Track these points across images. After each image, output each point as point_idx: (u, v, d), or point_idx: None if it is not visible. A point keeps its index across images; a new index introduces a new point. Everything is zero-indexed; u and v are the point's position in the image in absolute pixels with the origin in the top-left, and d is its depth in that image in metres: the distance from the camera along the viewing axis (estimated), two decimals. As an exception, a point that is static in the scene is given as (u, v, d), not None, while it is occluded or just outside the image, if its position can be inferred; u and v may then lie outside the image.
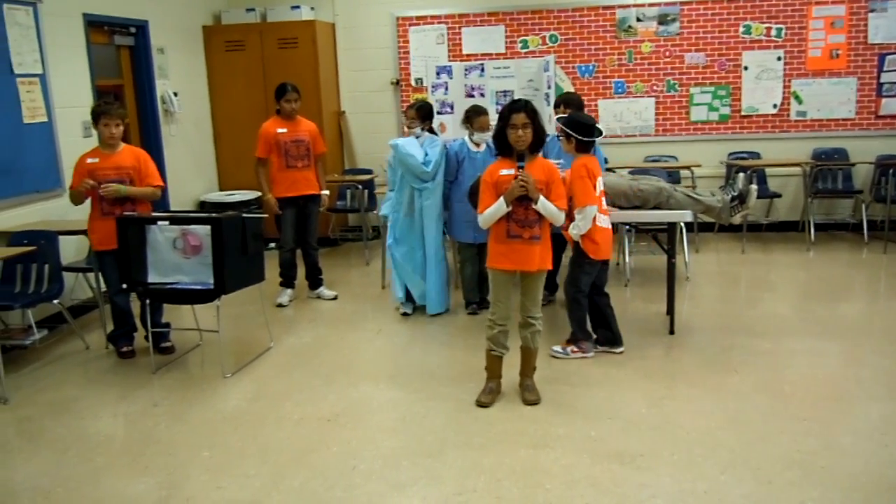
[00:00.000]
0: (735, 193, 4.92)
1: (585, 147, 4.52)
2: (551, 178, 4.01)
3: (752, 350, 4.82)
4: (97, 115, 4.82)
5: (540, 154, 4.08)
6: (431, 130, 5.85)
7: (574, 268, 4.69)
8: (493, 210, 3.94)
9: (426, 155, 5.57)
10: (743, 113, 8.02)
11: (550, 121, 5.70)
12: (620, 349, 4.82)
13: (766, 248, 7.51)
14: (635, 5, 7.97)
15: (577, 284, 4.69)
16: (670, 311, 5.19)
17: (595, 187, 4.47)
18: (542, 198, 3.91)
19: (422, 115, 5.68)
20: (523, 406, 4.09)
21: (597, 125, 4.54)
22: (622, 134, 8.19)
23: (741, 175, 5.11)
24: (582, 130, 4.47)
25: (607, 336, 4.84)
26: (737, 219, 4.97)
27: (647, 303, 5.86)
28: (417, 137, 5.65)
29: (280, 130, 6.00)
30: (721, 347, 4.89)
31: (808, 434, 3.68)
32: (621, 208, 4.88)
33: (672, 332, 5.10)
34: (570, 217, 4.34)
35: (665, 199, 4.87)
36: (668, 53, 8.00)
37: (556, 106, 5.55)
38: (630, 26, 8.00)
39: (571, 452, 3.58)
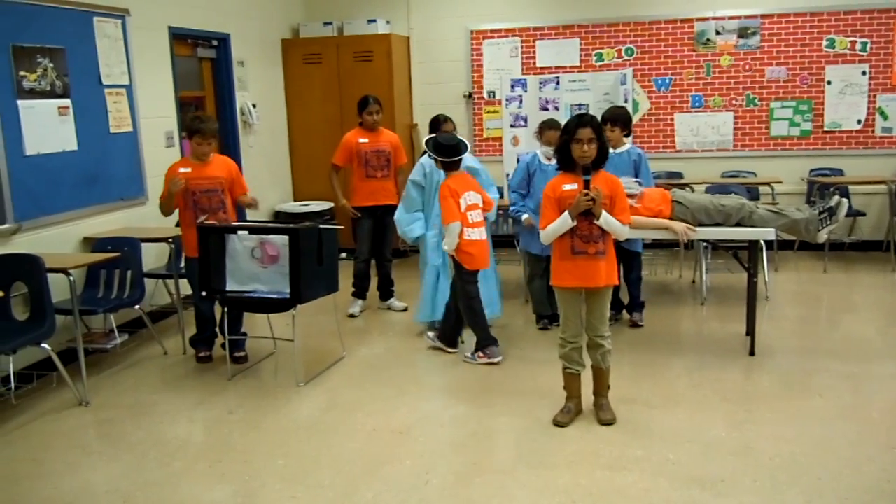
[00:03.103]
0: (826, 206, 4.77)
1: (451, 166, 4.98)
2: (615, 192, 3.94)
3: (836, 374, 4.64)
4: (191, 132, 4.94)
5: (602, 169, 3.98)
6: None
7: (457, 280, 5.04)
8: (557, 225, 3.87)
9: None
10: (825, 128, 7.77)
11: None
12: (453, 350, 5.21)
13: (848, 268, 7.24)
14: (714, 18, 7.81)
15: (467, 293, 5.01)
16: (750, 331, 5.04)
17: (459, 204, 4.88)
18: (604, 213, 3.83)
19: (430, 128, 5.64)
20: (598, 426, 4.01)
21: (459, 142, 5.01)
22: (699, 149, 8.03)
23: (833, 189, 4.97)
24: (442, 152, 4.95)
25: (447, 335, 5.23)
26: (822, 235, 4.81)
27: (725, 322, 5.70)
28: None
29: (361, 140, 6.10)
30: (803, 370, 4.72)
31: (900, 465, 3.52)
32: (702, 224, 4.77)
33: (752, 353, 4.94)
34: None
35: (747, 215, 4.75)
36: (748, 67, 7.81)
37: (603, 123, 5.30)
38: (709, 39, 7.84)
39: (649, 476, 3.49)
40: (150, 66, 6.10)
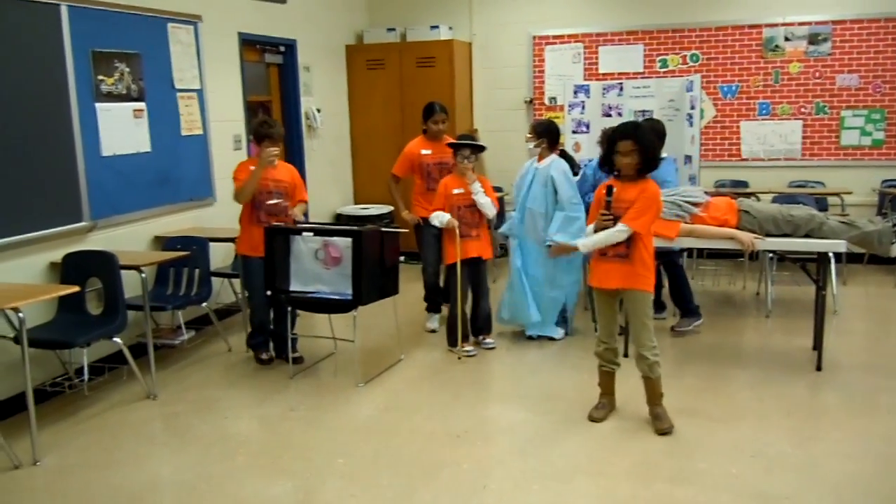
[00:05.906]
0: None
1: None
2: (638, 197, 3.89)
3: (906, 392, 4.51)
4: (261, 137, 4.99)
5: (648, 176, 3.96)
6: (563, 154, 5.63)
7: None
8: (588, 228, 4.14)
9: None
10: (899, 138, 7.56)
11: (693, 142, 5.54)
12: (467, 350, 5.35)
13: (921, 283, 7.02)
14: (784, 24, 7.66)
15: None
16: (817, 346, 4.92)
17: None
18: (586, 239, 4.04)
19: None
20: (658, 437, 3.96)
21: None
22: (765, 157, 7.87)
23: None
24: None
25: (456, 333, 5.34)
26: (895, 248, 4.67)
27: (790, 336, 5.57)
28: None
29: (424, 152, 5.84)
30: (872, 388, 4.59)
31: (975, 488, 3.41)
32: (770, 235, 4.68)
33: (819, 368, 4.82)
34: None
35: (817, 227, 4.64)
36: (817, 74, 7.64)
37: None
38: (777, 46, 7.69)
39: (711, 489, 3.44)
40: (220, 71, 6.26)
